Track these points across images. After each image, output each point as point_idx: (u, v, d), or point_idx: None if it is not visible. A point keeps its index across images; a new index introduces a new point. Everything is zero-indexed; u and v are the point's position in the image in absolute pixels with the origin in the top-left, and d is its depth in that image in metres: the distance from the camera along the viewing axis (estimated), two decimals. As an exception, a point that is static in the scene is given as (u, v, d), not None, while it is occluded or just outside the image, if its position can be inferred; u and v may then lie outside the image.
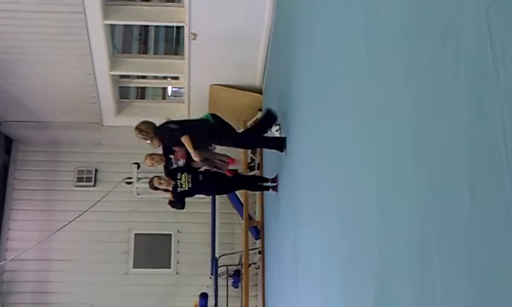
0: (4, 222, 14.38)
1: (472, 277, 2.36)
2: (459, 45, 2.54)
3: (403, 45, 3.31)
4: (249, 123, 12.78)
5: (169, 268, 14.29)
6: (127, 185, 14.11)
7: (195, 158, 8.59)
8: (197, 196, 9.87)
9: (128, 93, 15.51)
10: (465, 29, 2.51)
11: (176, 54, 15.42)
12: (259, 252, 12.65)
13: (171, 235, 14.37)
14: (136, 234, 14.15)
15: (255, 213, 13.45)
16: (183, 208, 9.61)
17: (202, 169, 9.81)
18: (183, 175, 9.20)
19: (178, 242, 14.37)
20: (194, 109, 14.02)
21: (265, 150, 11.96)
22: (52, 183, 14.72)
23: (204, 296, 12.52)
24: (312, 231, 6.30)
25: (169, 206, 9.58)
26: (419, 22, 3.05)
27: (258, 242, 12.84)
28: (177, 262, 14.29)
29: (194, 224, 14.06)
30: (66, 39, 12.23)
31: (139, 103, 14.94)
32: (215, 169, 9.96)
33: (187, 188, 9.18)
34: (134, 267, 14.19)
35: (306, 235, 6.67)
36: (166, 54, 16.90)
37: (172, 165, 9.56)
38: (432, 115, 2.82)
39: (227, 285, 13.36)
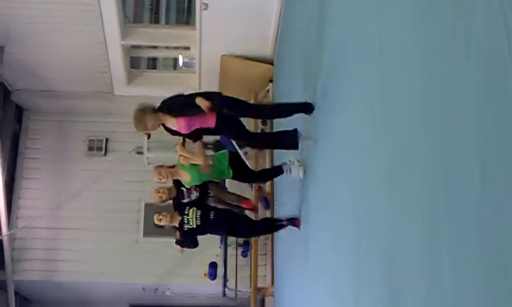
0: (15, 190, 14.46)
1: (482, 257, 2.38)
2: (471, 24, 2.53)
3: (415, 25, 3.30)
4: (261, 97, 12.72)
5: (179, 237, 14.35)
6: (137, 155, 14.17)
7: (207, 108, 6.93)
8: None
9: (139, 63, 15.49)
10: (478, 6, 2.49)
11: (187, 24, 15.36)
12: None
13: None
14: (146, 204, 14.20)
15: (265, 186, 13.47)
16: (195, 246, 8.65)
17: (213, 204, 9.07)
18: (191, 210, 8.05)
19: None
20: (205, 79, 14.00)
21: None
22: (63, 152, 14.76)
23: (213, 265, 12.57)
24: (322, 207, 6.33)
25: (177, 247, 8.71)
26: (431, 0, 3.04)
27: (268, 212, 12.87)
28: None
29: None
30: (78, 8, 12.21)
31: (150, 74, 14.93)
32: (228, 207, 9.35)
33: (194, 226, 8.02)
34: (144, 236, 14.27)
35: (316, 212, 6.69)
36: (177, 24, 16.82)
37: (184, 198, 8.67)
38: (444, 96, 2.82)
39: (236, 255, 13.40)
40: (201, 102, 6.91)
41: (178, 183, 8.52)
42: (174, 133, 7.38)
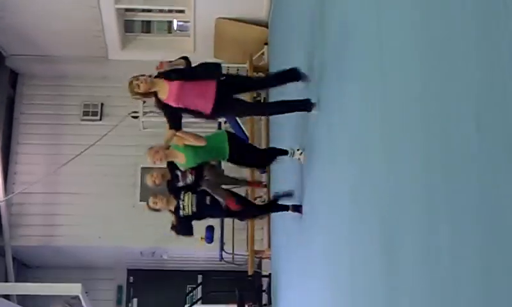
0: (11, 156, 14.45)
1: (480, 222, 2.38)
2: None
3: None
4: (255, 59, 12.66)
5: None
6: (133, 119, 14.16)
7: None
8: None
9: (133, 26, 15.37)
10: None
11: (181, -13, 15.24)
12: (265, 186, 12.72)
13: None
14: (142, 168, 14.20)
15: (260, 145, 13.47)
16: (190, 234, 8.16)
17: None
18: (186, 196, 7.68)
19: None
20: (200, 43, 13.93)
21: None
22: (58, 117, 14.74)
23: (210, 229, 12.61)
24: (319, 174, 6.34)
25: (172, 232, 8.12)
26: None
27: (264, 175, 12.90)
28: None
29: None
30: (71, -29, 12.12)
31: (144, 37, 14.84)
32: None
33: (190, 213, 7.67)
34: (140, 200, 14.29)
35: (313, 179, 6.70)
36: (171, -14, 16.68)
37: (179, 182, 8.25)
38: (441, 56, 2.81)
39: (233, 219, 13.46)
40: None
41: (172, 167, 8.11)
42: (162, 108, 6.88)
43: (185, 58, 6.77)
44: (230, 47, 13.75)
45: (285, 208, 7.72)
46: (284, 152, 7.32)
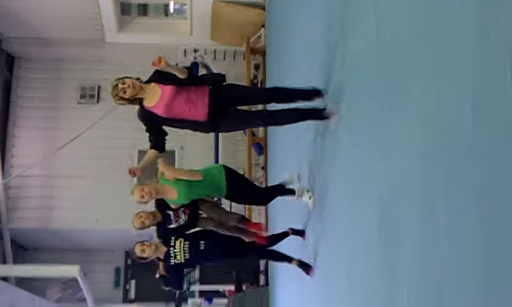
0: (8, 139, 14.47)
1: (476, 195, 2.41)
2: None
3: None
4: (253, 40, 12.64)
5: (173, 183, 14.42)
6: (130, 102, 14.14)
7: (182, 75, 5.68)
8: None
9: (130, 9, 15.35)
10: None
11: (178, -31, 15.21)
12: (262, 168, 12.76)
13: (174, 151, 14.44)
14: (139, 151, 14.23)
15: (258, 130, 13.51)
16: (180, 288, 7.27)
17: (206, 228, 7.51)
18: (178, 242, 6.70)
19: (181, 158, 14.47)
20: (197, 25, 13.93)
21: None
22: (55, 100, 14.74)
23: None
24: (316, 154, 6.35)
25: (161, 280, 7.01)
26: None
27: (261, 157, 12.94)
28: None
29: (197, 141, 14.06)
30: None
31: (141, 20, 14.83)
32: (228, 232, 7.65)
33: (182, 261, 6.67)
34: (138, 183, 14.32)
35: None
36: (167, -32, 16.63)
37: (171, 223, 7.28)
38: (438, 35, 2.84)
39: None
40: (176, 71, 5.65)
41: (163, 207, 7.22)
42: (144, 118, 5.90)
43: (188, 69, 5.78)
44: (227, 30, 13.75)
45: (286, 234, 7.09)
46: (290, 192, 6.56)
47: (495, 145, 2.23)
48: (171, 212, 7.20)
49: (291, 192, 6.56)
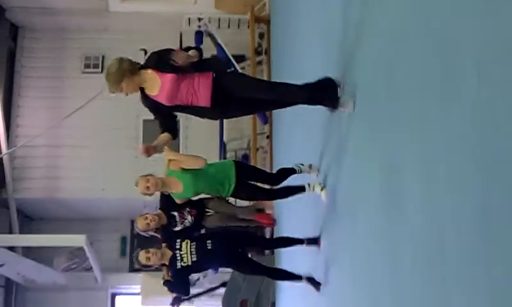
0: (13, 109, 14.48)
1: (477, 161, 2.41)
2: None
3: None
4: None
5: (178, 151, 14.42)
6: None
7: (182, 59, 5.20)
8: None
9: (133, -23, 15.29)
10: None
11: None
12: (267, 137, 12.76)
13: (179, 120, 14.37)
14: (144, 120, 14.23)
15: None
16: (187, 292, 6.70)
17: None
18: (184, 244, 6.37)
19: (186, 127, 14.47)
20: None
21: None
22: (59, 69, 14.74)
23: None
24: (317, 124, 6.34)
25: (166, 288, 6.65)
26: None
27: (266, 126, 12.93)
28: (186, 147, 14.44)
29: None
30: None
31: (145, -11, 14.76)
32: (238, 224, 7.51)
33: (189, 263, 6.34)
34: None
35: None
36: None
37: (176, 225, 7.03)
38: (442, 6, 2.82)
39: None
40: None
41: (167, 207, 7.01)
42: (150, 106, 5.62)
43: (199, 49, 5.39)
44: (230, -2, 13.68)
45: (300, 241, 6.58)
46: (301, 189, 6.18)
47: (499, 105, 2.22)
48: (176, 213, 7.00)
49: (301, 189, 6.16)
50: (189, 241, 6.37)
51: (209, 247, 6.32)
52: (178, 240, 6.38)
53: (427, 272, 2.97)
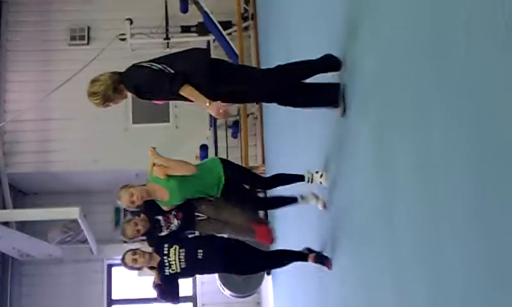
0: (1, 84, 14.39)
1: (470, 118, 2.43)
2: None
3: None
4: None
5: (169, 122, 14.41)
6: (121, 42, 14.06)
7: (216, 111, 4.85)
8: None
9: None
10: None
11: None
12: (257, 103, 12.74)
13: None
14: (133, 90, 14.16)
15: (251, 63, 13.44)
16: (176, 299, 6.23)
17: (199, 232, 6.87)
18: (172, 250, 5.94)
19: (175, 115, 14.45)
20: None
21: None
22: (45, 43, 14.64)
23: (204, 148, 12.69)
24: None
25: (155, 292, 6.19)
26: None
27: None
28: (176, 116, 14.41)
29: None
30: None
31: (129, -43, 14.61)
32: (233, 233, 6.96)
33: (178, 270, 5.93)
34: (133, 123, 14.33)
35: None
36: None
37: (161, 230, 6.49)
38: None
39: (226, 136, 13.52)
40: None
41: (150, 211, 6.49)
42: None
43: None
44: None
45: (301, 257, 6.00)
46: (293, 200, 5.88)
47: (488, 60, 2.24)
48: (161, 217, 6.48)
49: (294, 200, 5.88)
50: (177, 247, 5.96)
51: (200, 257, 5.92)
52: (166, 245, 5.99)
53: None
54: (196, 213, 6.72)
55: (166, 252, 5.91)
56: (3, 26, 14.64)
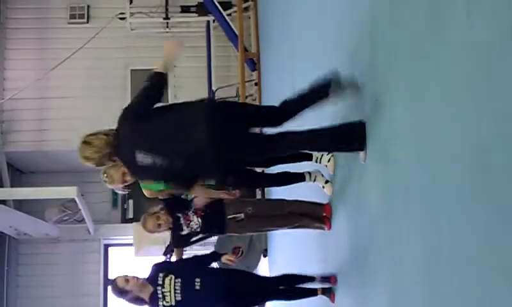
0: (0, 62, 14.33)
1: (468, 86, 2.42)
2: None
3: None
4: None
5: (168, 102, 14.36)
6: (120, 21, 14.00)
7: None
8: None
9: None
10: None
11: None
12: (255, 84, 12.71)
13: (166, 74, 14.29)
14: (132, 70, 14.13)
15: (251, 45, 13.39)
16: None
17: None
18: (167, 279, 5.55)
19: (174, 76, 14.35)
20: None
21: None
22: (45, 20, 14.57)
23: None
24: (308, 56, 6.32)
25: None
26: None
27: (255, 73, 12.87)
28: (175, 96, 14.33)
29: (189, 58, 13.89)
30: None
31: None
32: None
33: (173, 303, 5.48)
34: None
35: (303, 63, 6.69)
36: None
37: (182, 229, 5.88)
38: None
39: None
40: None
41: (172, 209, 6.04)
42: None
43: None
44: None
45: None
46: (301, 177, 5.50)
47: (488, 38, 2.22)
48: (180, 215, 5.97)
49: (301, 177, 5.49)
50: (173, 277, 5.54)
51: (197, 288, 5.50)
52: (161, 275, 5.58)
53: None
54: (230, 215, 5.82)
55: (160, 282, 5.53)
56: (2, 4, 14.56)
